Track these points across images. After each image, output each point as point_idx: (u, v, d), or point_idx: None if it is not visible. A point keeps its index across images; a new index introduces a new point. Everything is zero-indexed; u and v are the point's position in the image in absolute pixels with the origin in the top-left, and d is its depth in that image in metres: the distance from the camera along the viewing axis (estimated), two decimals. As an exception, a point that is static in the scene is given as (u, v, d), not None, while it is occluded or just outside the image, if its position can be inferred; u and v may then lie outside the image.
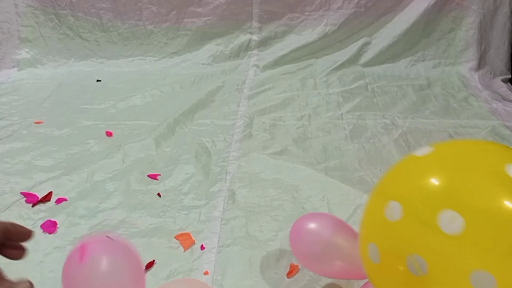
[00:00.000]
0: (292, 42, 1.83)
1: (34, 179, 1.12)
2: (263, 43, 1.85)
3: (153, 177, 1.14)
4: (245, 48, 1.85)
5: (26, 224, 0.97)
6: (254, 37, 1.85)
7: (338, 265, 0.73)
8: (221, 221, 1.00)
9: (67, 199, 1.05)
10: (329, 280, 0.84)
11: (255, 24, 1.84)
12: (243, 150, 1.26)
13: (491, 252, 0.45)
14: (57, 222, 0.98)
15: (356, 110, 1.50)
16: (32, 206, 1.03)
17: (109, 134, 1.34)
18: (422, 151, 0.57)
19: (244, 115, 1.45)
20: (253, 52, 1.85)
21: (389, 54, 1.80)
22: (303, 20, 1.82)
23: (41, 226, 0.96)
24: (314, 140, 1.32)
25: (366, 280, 0.73)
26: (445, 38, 1.80)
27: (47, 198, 1.05)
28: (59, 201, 1.04)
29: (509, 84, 1.72)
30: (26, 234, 0.40)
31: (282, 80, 1.71)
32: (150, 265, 0.88)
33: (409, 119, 1.43)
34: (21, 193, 1.07)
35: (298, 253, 0.76)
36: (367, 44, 1.82)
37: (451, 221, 0.46)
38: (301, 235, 0.74)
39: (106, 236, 0.49)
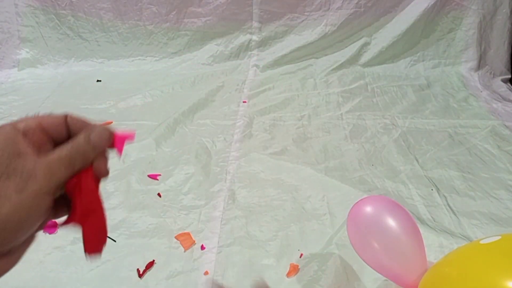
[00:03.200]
0: (292, 42, 1.83)
1: (34, 179, 1.12)
2: (263, 43, 1.85)
3: (153, 177, 1.14)
4: (245, 48, 1.85)
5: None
6: (254, 37, 1.85)
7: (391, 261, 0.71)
8: (221, 221, 1.00)
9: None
10: (329, 280, 0.84)
11: (255, 24, 1.84)
12: (243, 150, 1.27)
13: None
14: (58, 223, 0.97)
15: (356, 110, 1.50)
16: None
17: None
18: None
19: (244, 115, 1.45)
20: (253, 52, 1.85)
21: (389, 54, 1.80)
22: (303, 20, 1.83)
23: (42, 226, 0.96)
24: (314, 140, 1.32)
25: None
26: (445, 38, 1.80)
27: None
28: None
29: (509, 84, 1.72)
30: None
31: (282, 80, 1.71)
32: (150, 265, 0.88)
33: (409, 119, 1.43)
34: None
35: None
36: (367, 44, 1.82)
37: None
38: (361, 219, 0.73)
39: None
